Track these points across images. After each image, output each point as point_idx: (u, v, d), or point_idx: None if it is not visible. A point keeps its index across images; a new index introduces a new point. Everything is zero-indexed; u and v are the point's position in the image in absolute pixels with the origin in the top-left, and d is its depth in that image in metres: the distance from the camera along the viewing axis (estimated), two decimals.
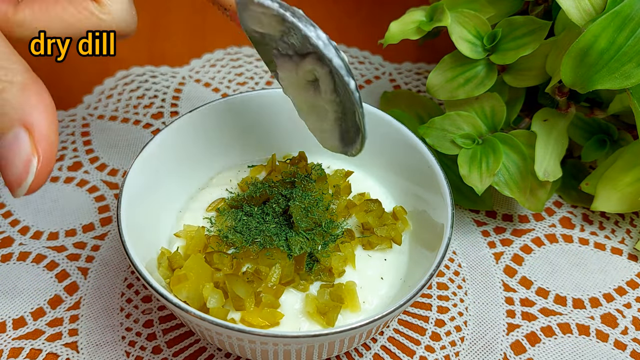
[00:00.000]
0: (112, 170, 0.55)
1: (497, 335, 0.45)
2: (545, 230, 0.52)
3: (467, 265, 0.50)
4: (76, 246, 0.50)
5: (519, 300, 0.48)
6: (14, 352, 0.43)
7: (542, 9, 0.49)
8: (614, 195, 0.49)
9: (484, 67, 0.49)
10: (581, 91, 0.45)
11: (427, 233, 0.44)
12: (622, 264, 0.50)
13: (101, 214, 0.52)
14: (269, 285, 0.40)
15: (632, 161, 0.48)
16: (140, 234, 0.41)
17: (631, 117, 0.47)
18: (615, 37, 0.43)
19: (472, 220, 0.53)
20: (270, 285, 0.40)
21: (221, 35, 0.69)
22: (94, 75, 0.64)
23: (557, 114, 0.49)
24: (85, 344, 0.44)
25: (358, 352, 0.44)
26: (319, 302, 0.40)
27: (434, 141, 0.49)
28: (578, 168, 0.55)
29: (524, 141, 0.48)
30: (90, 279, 0.48)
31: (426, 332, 0.45)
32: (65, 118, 0.59)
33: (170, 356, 0.44)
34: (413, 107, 0.58)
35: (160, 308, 0.46)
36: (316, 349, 0.38)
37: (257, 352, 0.38)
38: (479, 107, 0.50)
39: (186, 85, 0.64)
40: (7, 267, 0.48)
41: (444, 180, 0.43)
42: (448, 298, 0.47)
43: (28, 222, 0.51)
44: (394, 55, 0.67)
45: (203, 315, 0.36)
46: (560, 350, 0.45)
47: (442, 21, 0.48)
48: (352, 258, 0.43)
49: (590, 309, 0.47)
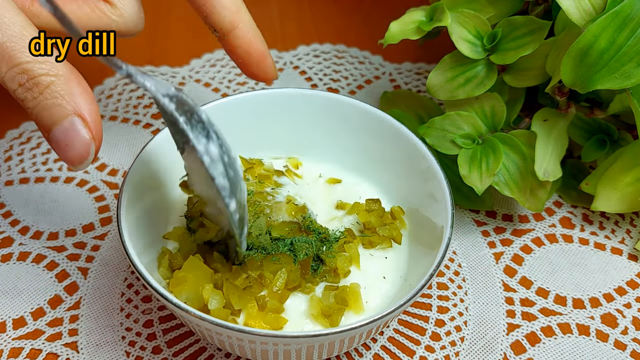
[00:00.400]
0: (112, 170, 0.55)
1: (497, 335, 0.45)
2: (545, 230, 0.52)
3: (467, 265, 0.50)
4: (76, 246, 0.50)
5: (519, 300, 0.48)
6: (14, 352, 0.43)
7: (542, 9, 0.49)
8: (614, 195, 0.49)
9: (484, 67, 0.49)
10: (581, 91, 0.45)
11: (427, 233, 0.44)
12: (622, 264, 0.50)
13: (101, 214, 0.52)
14: (274, 290, 0.40)
15: (632, 161, 0.48)
16: (140, 234, 0.41)
17: (631, 117, 0.47)
18: (615, 37, 0.43)
19: (472, 220, 0.53)
20: (276, 289, 0.40)
21: None
22: (94, 75, 0.64)
23: (557, 114, 0.49)
24: (85, 344, 0.44)
25: (358, 352, 0.44)
26: (324, 304, 0.40)
27: (434, 141, 0.49)
28: (578, 168, 0.55)
29: (524, 141, 0.48)
30: (90, 279, 0.48)
31: (426, 332, 0.45)
32: None
33: (170, 356, 0.44)
34: (413, 107, 0.58)
35: (160, 308, 0.46)
36: (316, 349, 0.38)
37: (257, 352, 0.38)
38: (479, 107, 0.50)
39: (186, 85, 0.64)
40: (7, 267, 0.48)
41: (444, 180, 0.43)
42: (448, 298, 0.47)
43: (28, 222, 0.51)
44: (394, 55, 0.67)
45: (203, 315, 0.36)
46: (560, 350, 0.45)
47: (442, 21, 0.48)
48: (357, 258, 0.43)
49: (590, 309, 0.47)
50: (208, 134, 0.35)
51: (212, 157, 0.35)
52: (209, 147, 0.35)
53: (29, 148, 0.57)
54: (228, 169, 0.36)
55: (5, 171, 0.55)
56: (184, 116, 0.35)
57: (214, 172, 0.35)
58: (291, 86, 0.62)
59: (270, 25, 0.72)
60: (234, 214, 0.36)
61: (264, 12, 0.73)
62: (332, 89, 0.64)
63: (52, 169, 0.55)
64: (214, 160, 0.35)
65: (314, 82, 0.65)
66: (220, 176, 0.35)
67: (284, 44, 0.69)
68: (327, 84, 0.65)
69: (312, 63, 0.67)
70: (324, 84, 0.65)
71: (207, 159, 0.35)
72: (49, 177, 0.55)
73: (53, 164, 0.56)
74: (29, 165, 0.55)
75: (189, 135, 0.35)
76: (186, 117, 0.35)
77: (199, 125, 0.35)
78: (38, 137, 0.58)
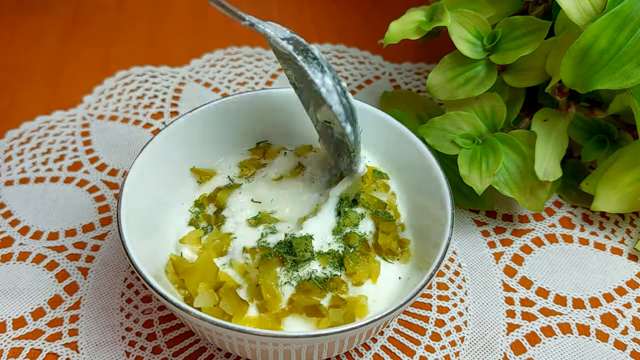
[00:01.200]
0: (112, 170, 0.55)
1: (497, 335, 0.45)
2: (545, 230, 0.52)
3: (467, 265, 0.50)
4: (76, 246, 0.50)
5: (519, 300, 0.48)
6: (14, 352, 0.43)
7: (542, 9, 0.49)
8: (614, 195, 0.49)
9: (484, 67, 0.49)
10: (581, 91, 0.45)
11: (427, 233, 0.44)
12: (622, 264, 0.50)
13: (101, 214, 0.52)
14: (274, 313, 0.40)
15: (632, 161, 0.48)
16: (140, 233, 0.41)
17: (631, 117, 0.47)
18: (615, 37, 0.43)
19: (472, 220, 0.53)
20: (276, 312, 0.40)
21: (221, 35, 0.69)
22: (94, 75, 0.64)
23: (557, 114, 0.49)
24: (85, 344, 0.44)
25: (358, 352, 0.44)
26: (332, 321, 0.40)
27: (434, 141, 0.49)
28: (578, 168, 0.55)
29: (524, 141, 0.48)
30: (90, 279, 0.48)
31: (426, 332, 0.45)
32: (65, 118, 0.59)
33: (170, 356, 0.44)
34: (413, 107, 0.58)
35: (160, 308, 0.46)
36: (316, 349, 0.38)
37: (257, 352, 0.38)
38: (479, 107, 0.50)
39: (186, 85, 0.64)
40: (7, 267, 0.48)
41: (444, 180, 0.43)
42: (448, 298, 0.47)
43: (28, 222, 0.51)
44: (394, 55, 0.67)
45: (203, 315, 0.36)
46: (560, 350, 0.45)
47: (442, 21, 0.48)
48: (376, 274, 0.42)
49: (590, 309, 0.47)
50: (322, 68, 0.39)
51: (328, 88, 0.39)
52: (324, 80, 0.39)
53: (29, 148, 0.57)
54: (341, 97, 0.39)
55: (5, 171, 0.55)
56: (301, 55, 0.39)
57: (331, 101, 0.39)
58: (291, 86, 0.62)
59: None
60: (350, 135, 0.40)
61: (264, 12, 0.73)
62: None
63: (52, 169, 0.55)
64: (330, 91, 0.39)
65: None
66: (336, 104, 0.39)
67: None
68: None
69: None
70: None
71: (324, 90, 0.39)
72: (49, 177, 0.55)
73: (53, 164, 0.56)
74: (29, 165, 0.55)
75: (307, 71, 0.39)
76: (303, 56, 0.39)
77: (314, 62, 0.39)
78: (38, 137, 0.58)
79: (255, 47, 0.68)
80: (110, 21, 0.71)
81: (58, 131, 0.58)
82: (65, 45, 0.67)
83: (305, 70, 0.39)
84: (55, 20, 0.70)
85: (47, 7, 0.71)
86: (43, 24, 0.70)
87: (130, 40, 0.68)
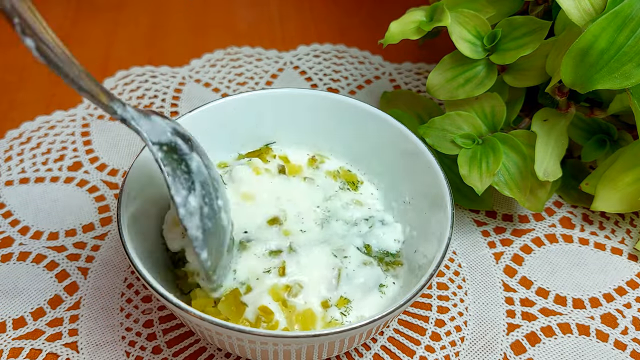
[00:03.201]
0: (112, 170, 0.55)
1: (497, 335, 0.45)
2: (545, 230, 0.52)
3: (467, 265, 0.50)
4: (76, 246, 0.50)
5: (519, 300, 0.48)
6: (14, 352, 0.43)
7: (542, 9, 0.49)
8: (614, 195, 0.49)
9: (484, 67, 0.49)
10: (581, 91, 0.45)
11: (427, 233, 0.44)
12: (622, 264, 0.50)
13: (101, 214, 0.52)
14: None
15: (632, 161, 0.48)
16: (141, 234, 0.41)
17: (631, 117, 0.47)
18: (615, 37, 0.43)
19: (472, 220, 0.53)
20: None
21: (221, 35, 0.69)
22: (94, 75, 0.63)
23: (557, 114, 0.49)
24: (85, 344, 0.44)
25: (358, 352, 0.44)
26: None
27: (434, 141, 0.49)
28: (578, 168, 0.55)
29: (524, 141, 0.48)
30: (90, 279, 0.48)
31: (426, 332, 0.45)
32: (65, 118, 0.59)
33: (170, 356, 0.44)
34: (413, 107, 0.58)
35: (160, 308, 0.46)
36: (316, 349, 0.38)
37: (257, 352, 0.38)
38: (479, 107, 0.50)
39: (186, 85, 0.64)
40: (7, 267, 0.48)
41: (444, 180, 0.43)
42: (448, 298, 0.47)
43: (28, 222, 0.51)
44: (394, 55, 0.67)
45: (203, 315, 0.36)
46: (560, 350, 0.45)
47: (442, 21, 0.48)
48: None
49: (590, 309, 0.47)
50: (192, 185, 0.36)
51: (189, 209, 0.35)
52: (188, 200, 0.35)
53: (29, 148, 0.57)
54: (205, 220, 0.36)
55: (5, 171, 0.55)
56: (169, 166, 0.35)
57: (188, 224, 0.35)
58: (291, 86, 0.62)
59: (270, 25, 0.72)
60: (205, 262, 0.37)
61: (264, 12, 0.73)
62: (332, 89, 0.64)
63: (52, 169, 0.55)
64: (191, 213, 0.35)
65: (314, 82, 0.65)
66: (194, 229, 0.35)
67: (284, 44, 0.69)
68: (327, 84, 0.65)
69: (312, 63, 0.67)
70: (324, 84, 0.65)
71: (183, 211, 0.35)
72: (49, 177, 0.55)
73: (53, 164, 0.56)
74: (29, 165, 0.55)
75: (169, 185, 0.35)
76: (172, 167, 0.35)
77: (184, 177, 0.36)
78: (38, 137, 0.58)
79: (256, 47, 0.68)
80: (110, 21, 0.71)
81: (58, 131, 0.58)
82: (65, 45, 0.67)
83: (167, 184, 0.35)
84: (55, 20, 0.70)
85: (47, 6, 0.71)
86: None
87: (130, 40, 0.68)
